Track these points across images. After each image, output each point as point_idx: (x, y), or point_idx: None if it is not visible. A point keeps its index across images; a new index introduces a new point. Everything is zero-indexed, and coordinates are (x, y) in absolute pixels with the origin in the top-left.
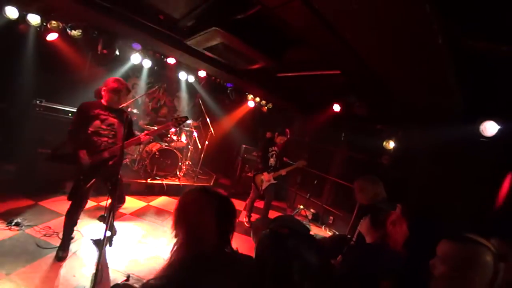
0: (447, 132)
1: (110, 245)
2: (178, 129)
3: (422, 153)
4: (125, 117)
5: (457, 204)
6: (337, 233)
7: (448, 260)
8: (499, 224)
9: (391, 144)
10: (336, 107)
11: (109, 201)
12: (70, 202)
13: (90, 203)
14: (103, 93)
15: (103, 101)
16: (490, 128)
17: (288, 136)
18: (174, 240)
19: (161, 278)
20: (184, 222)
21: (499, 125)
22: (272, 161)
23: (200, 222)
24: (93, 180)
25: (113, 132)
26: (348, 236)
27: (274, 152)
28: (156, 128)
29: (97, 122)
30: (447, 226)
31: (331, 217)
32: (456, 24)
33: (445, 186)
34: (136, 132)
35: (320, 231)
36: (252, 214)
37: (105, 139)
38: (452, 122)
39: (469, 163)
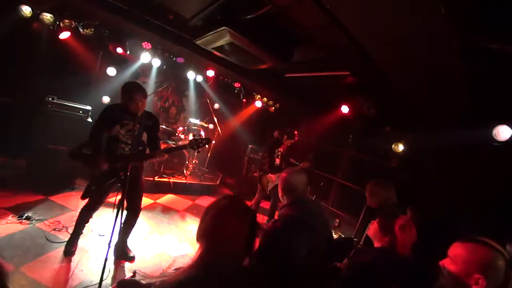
0: (458, 136)
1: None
2: (185, 128)
3: (432, 156)
4: (151, 123)
5: (466, 208)
6: (343, 236)
7: (459, 262)
8: (509, 228)
9: (400, 147)
10: (345, 108)
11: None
12: (85, 201)
13: None
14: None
15: (126, 105)
16: (504, 132)
17: (296, 139)
18: (181, 238)
19: (173, 283)
20: (214, 234)
21: None
22: (277, 161)
23: (231, 239)
24: (110, 182)
25: (131, 139)
26: (354, 239)
27: (279, 153)
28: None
29: (117, 127)
30: (456, 230)
31: (337, 220)
32: (470, 25)
33: (455, 190)
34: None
35: None
36: (258, 215)
37: (122, 145)
38: (464, 126)
39: (480, 167)
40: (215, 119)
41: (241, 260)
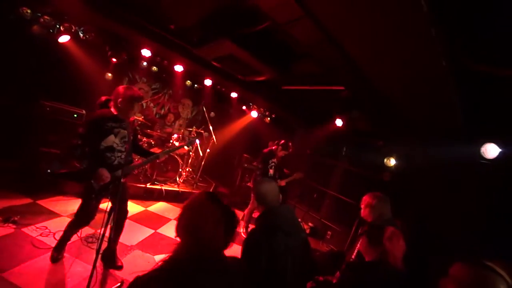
0: (448, 152)
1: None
2: (181, 135)
3: (423, 171)
4: (133, 127)
5: (456, 222)
6: (334, 248)
7: (460, 283)
8: (497, 243)
9: (392, 162)
10: (339, 122)
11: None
12: (75, 214)
13: None
14: (117, 103)
15: (113, 111)
16: (491, 150)
17: (290, 150)
18: (172, 247)
19: (154, 272)
20: (188, 225)
21: (500, 148)
22: (271, 172)
23: (203, 227)
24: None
25: (125, 146)
26: (346, 252)
27: (273, 163)
28: (158, 134)
29: (111, 137)
30: (447, 244)
31: (329, 232)
32: (459, 47)
33: (445, 205)
34: (139, 137)
35: (317, 246)
36: (250, 225)
37: (119, 154)
38: (454, 142)
39: (470, 183)
40: (211, 128)
41: (221, 250)
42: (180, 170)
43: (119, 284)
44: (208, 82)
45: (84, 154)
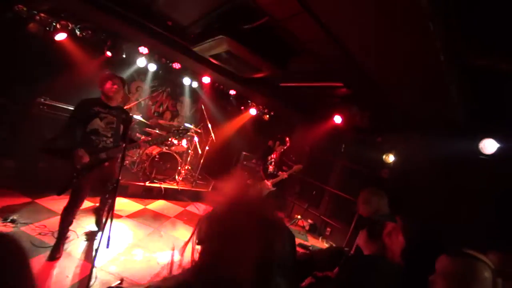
0: (447, 147)
1: (107, 246)
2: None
3: (421, 167)
4: (125, 117)
5: (455, 217)
6: (334, 245)
7: (447, 276)
8: (496, 236)
9: (390, 158)
10: (337, 118)
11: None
12: (66, 201)
13: (87, 203)
14: (100, 89)
15: (102, 97)
16: (489, 145)
17: (288, 145)
18: (171, 245)
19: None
20: (226, 236)
21: (498, 143)
22: (271, 168)
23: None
24: (88, 179)
25: (112, 132)
26: (345, 248)
27: (273, 159)
28: (156, 133)
29: (97, 120)
30: (446, 239)
31: (329, 229)
32: (458, 41)
33: (444, 201)
34: (138, 135)
35: (317, 243)
36: None
37: (104, 138)
38: (453, 138)
39: (469, 178)
40: (209, 125)
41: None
42: (179, 168)
43: (118, 282)
44: (206, 79)
45: (72, 134)
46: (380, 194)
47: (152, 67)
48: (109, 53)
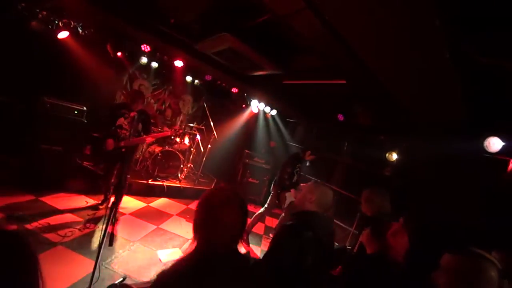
0: (451, 146)
1: (110, 244)
2: (181, 131)
3: (425, 165)
4: (143, 117)
5: (458, 216)
6: (336, 244)
7: (452, 273)
8: (499, 236)
9: (394, 156)
10: (340, 116)
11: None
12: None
13: (89, 201)
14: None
15: (129, 103)
16: (494, 144)
17: (318, 155)
18: (173, 243)
19: (172, 272)
20: (207, 225)
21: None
22: (296, 177)
23: (223, 228)
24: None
25: (132, 127)
26: (348, 247)
27: (298, 168)
28: (159, 132)
29: (121, 119)
30: (449, 239)
31: None
32: (463, 38)
33: (448, 199)
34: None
35: None
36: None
37: (125, 132)
38: (457, 136)
39: (473, 177)
40: (211, 123)
41: (234, 245)
42: (182, 166)
43: (121, 279)
44: (208, 77)
45: (109, 129)
46: (382, 193)
47: (154, 65)
48: (117, 52)
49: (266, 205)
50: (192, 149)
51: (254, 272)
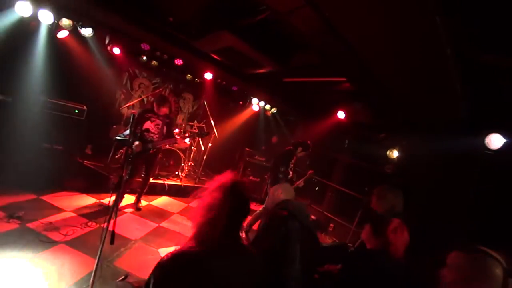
0: (451, 143)
1: (112, 242)
2: (182, 130)
3: (426, 163)
4: (168, 121)
5: (459, 213)
6: (337, 241)
7: (458, 270)
8: (500, 234)
9: (394, 153)
10: (341, 114)
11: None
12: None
13: (90, 199)
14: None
15: (155, 108)
16: (496, 141)
17: (310, 151)
18: (175, 241)
19: (171, 259)
20: (206, 208)
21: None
22: (291, 174)
23: (215, 214)
24: (139, 160)
25: (158, 131)
26: (349, 244)
27: (292, 165)
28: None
29: (148, 123)
30: (450, 235)
31: (332, 225)
32: (464, 36)
33: (448, 197)
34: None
35: (320, 238)
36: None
37: (152, 135)
38: (458, 133)
39: (473, 174)
40: (212, 122)
41: (233, 235)
42: (182, 164)
43: (123, 277)
44: (208, 75)
45: (134, 132)
46: (396, 191)
47: (154, 64)
48: (117, 51)
49: (265, 204)
50: (192, 147)
51: (254, 258)
